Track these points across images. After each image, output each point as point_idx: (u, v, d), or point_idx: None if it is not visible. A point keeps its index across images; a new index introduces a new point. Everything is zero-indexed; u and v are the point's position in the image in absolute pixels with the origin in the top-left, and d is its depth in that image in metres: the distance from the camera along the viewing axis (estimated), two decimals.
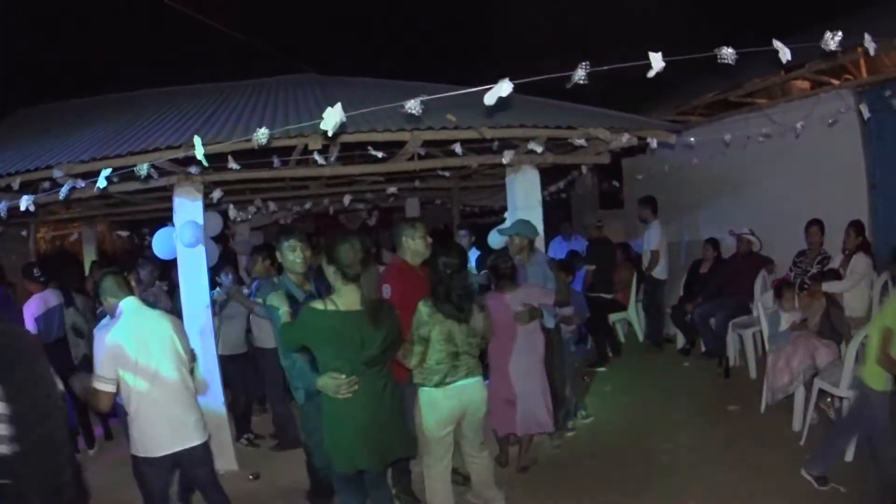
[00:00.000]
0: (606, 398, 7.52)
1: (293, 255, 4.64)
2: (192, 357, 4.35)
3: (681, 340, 9.20)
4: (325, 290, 4.37)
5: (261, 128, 3.63)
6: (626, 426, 6.64)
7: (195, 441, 4.11)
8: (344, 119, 3.32)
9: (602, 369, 8.63)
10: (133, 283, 5.93)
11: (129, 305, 4.11)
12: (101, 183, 3.99)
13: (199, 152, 3.68)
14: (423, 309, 4.23)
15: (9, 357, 3.11)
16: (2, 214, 4.81)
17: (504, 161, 6.26)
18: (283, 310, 4.14)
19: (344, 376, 3.71)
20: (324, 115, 3.30)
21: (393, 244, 5.33)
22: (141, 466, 4.01)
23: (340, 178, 8.25)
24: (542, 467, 5.70)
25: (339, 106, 3.30)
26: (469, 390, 4.32)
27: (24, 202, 4.39)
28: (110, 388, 3.87)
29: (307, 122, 4.80)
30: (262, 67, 10.68)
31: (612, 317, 9.66)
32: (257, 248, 7.00)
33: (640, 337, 9.88)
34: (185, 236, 6.00)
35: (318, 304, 3.76)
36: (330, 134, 3.34)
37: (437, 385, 4.25)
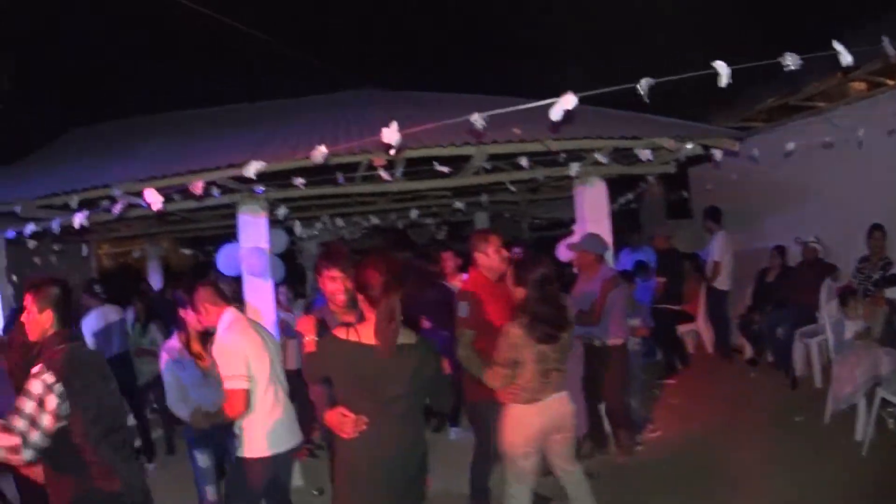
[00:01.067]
0: (674, 411, 7.41)
1: (333, 285, 4.11)
2: None
3: (749, 351, 9.02)
4: None
5: (321, 145, 3.72)
6: (693, 438, 6.55)
7: (300, 437, 4.35)
8: (399, 140, 3.37)
9: (670, 381, 8.54)
10: None
11: (236, 313, 4.25)
12: (151, 200, 4.04)
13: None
14: (515, 332, 3.97)
15: (92, 376, 3.35)
16: (56, 231, 4.94)
17: (571, 173, 6.23)
18: (308, 338, 3.63)
19: (353, 415, 3.16)
20: (381, 134, 3.37)
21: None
22: (256, 468, 4.09)
23: (407, 194, 8.26)
24: (606, 478, 5.58)
25: (394, 125, 3.36)
26: (556, 405, 4.14)
27: (78, 219, 4.49)
28: (249, 385, 3.96)
29: (369, 137, 4.87)
30: (323, 84, 10.81)
31: (682, 328, 9.57)
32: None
33: (709, 348, 9.74)
34: (250, 264, 6.10)
35: (340, 332, 3.25)
36: (393, 151, 3.37)
37: (526, 402, 4.06)
